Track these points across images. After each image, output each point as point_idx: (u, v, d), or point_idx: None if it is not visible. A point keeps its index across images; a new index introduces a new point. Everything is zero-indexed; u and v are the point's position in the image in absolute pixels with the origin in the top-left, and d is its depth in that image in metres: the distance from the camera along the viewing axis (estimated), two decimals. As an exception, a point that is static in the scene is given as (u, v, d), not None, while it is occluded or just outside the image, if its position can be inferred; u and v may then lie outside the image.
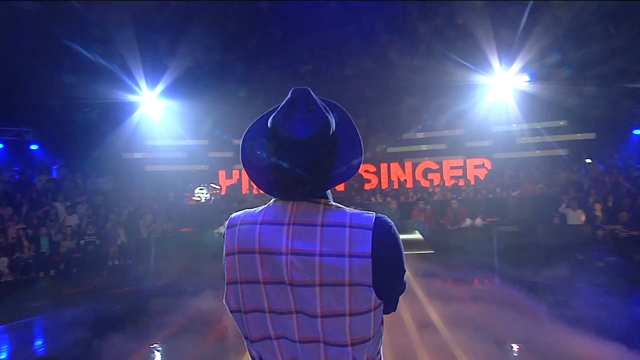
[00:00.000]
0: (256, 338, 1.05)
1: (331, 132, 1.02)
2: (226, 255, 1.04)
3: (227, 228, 1.08)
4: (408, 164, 13.47)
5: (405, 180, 13.08)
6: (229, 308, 1.07)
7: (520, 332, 4.45)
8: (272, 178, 1.04)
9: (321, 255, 0.97)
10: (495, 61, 11.85)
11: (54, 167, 12.49)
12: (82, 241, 9.52)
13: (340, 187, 13.55)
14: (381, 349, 1.11)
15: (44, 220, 9.74)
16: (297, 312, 0.99)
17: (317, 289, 0.97)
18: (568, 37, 10.62)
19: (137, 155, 13.89)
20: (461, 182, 12.63)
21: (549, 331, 4.57)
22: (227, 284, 1.05)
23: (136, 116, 13.28)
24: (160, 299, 6.48)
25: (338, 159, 1.06)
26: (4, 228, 9.05)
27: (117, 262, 9.57)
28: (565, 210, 9.17)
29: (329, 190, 1.10)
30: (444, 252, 8.57)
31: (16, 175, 11.59)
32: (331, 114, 1.06)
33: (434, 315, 5.00)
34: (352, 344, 0.99)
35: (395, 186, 12.73)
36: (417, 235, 8.72)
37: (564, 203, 9.22)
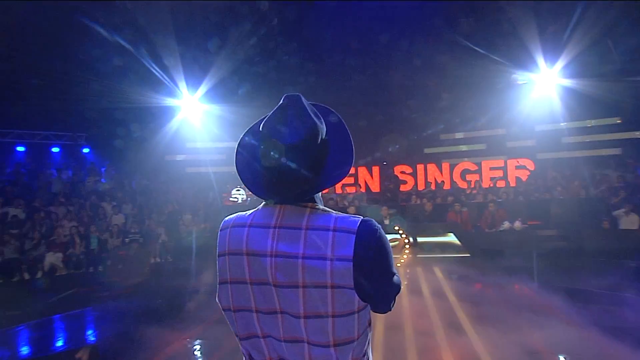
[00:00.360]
0: (244, 336, 1.08)
1: (320, 137, 1.04)
2: (218, 256, 1.09)
3: (220, 230, 1.13)
4: (445, 165, 13.20)
5: (443, 181, 12.84)
6: (221, 306, 1.11)
7: (556, 342, 4.23)
8: (263, 182, 1.07)
9: (304, 257, 0.99)
10: (539, 57, 11.39)
11: (103, 169, 13.36)
12: (126, 239, 10.12)
13: (375, 189, 13.53)
14: (368, 351, 1.12)
15: (94, 219, 10.46)
16: (281, 313, 1.02)
17: (300, 290, 0.99)
18: (620, 26, 10.00)
19: (179, 157, 14.54)
20: (501, 184, 12.22)
21: (590, 343, 4.25)
22: (219, 284, 1.10)
23: (177, 119, 13.94)
24: (197, 294, 6.79)
25: (328, 164, 1.07)
26: (58, 225, 9.82)
27: (158, 260, 10.09)
28: (618, 214, 8.64)
29: (320, 195, 1.13)
30: (481, 255, 8.35)
31: (70, 176, 12.51)
32: (322, 120, 1.08)
33: (463, 319, 4.92)
34: (335, 345, 1.01)
35: (432, 187, 12.52)
36: (452, 238, 8.55)
37: (622, 208, 8.63)
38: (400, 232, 8.48)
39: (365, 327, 1.07)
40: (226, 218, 1.15)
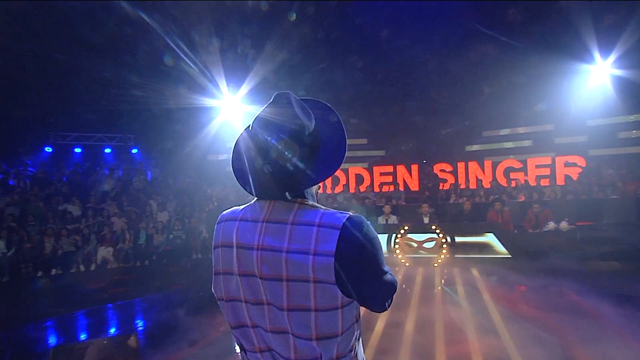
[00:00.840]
0: (235, 325, 1.13)
1: (308, 133, 1.06)
2: (213, 248, 1.15)
3: (216, 224, 1.18)
4: (488, 163, 12.78)
5: (483, 180, 12.44)
6: (216, 296, 1.15)
7: (601, 352, 3.94)
8: (252, 178, 1.10)
9: (288, 252, 1.01)
10: (592, 45, 10.75)
11: (149, 168, 14.16)
12: (171, 235, 10.68)
13: (414, 187, 13.35)
14: (357, 346, 1.12)
15: (141, 215, 11.13)
16: (267, 304, 1.04)
17: (284, 283, 1.01)
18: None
19: (221, 157, 15.11)
20: (546, 182, 11.66)
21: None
22: (213, 274, 1.14)
23: (219, 120, 14.48)
24: None
25: (317, 160, 1.08)
26: (110, 222, 10.56)
27: (199, 256, 10.56)
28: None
29: (312, 191, 1.15)
30: (522, 257, 8.02)
31: (120, 175, 13.37)
32: (311, 117, 1.10)
33: (499, 322, 4.79)
34: (318, 339, 1.03)
35: (472, 186, 12.17)
36: (491, 239, 8.29)
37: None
38: (438, 231, 8.34)
39: (352, 323, 1.07)
40: (222, 213, 1.20)
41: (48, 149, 13.50)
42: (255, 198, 1.13)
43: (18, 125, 11.72)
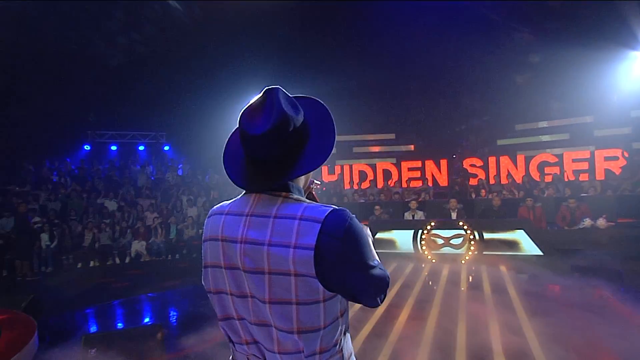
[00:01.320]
0: (222, 317, 1.14)
1: (293, 127, 1.06)
2: (202, 241, 1.17)
3: (207, 218, 1.20)
4: (520, 157, 12.39)
5: (516, 175, 12.06)
6: (205, 289, 1.17)
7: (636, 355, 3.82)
8: (239, 171, 1.13)
9: (270, 245, 1.02)
10: (638, 30, 10.19)
11: (180, 165, 14.63)
12: (200, 230, 11.03)
13: (443, 183, 13.13)
14: (343, 341, 1.12)
15: (172, 210, 11.55)
16: (251, 297, 1.06)
17: (266, 276, 1.02)
18: None
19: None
20: (585, 177, 11.16)
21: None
22: (203, 267, 1.16)
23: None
24: None
25: (302, 154, 1.09)
26: (143, 216, 11.03)
27: (228, 250, 10.83)
28: None
29: (299, 185, 1.15)
30: (555, 255, 7.73)
31: (152, 172, 13.91)
32: (299, 111, 1.10)
33: (524, 320, 4.67)
34: (299, 332, 1.03)
35: (504, 181, 11.83)
36: (522, 236, 8.04)
37: None
38: (465, 227, 8.19)
39: (335, 318, 1.06)
40: (213, 207, 1.22)
41: (87, 147, 14.23)
42: (243, 192, 1.15)
43: (59, 125, 12.40)
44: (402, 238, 8.75)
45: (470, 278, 7.07)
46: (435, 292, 6.07)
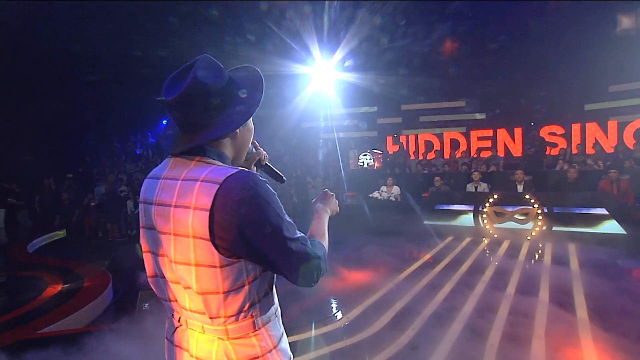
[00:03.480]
0: (150, 275, 1.19)
1: (206, 93, 1.06)
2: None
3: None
4: (613, 124, 10.99)
5: (605, 144, 10.76)
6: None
7: None
8: (171, 135, 1.16)
9: (174, 206, 1.04)
10: None
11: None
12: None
13: (517, 153, 12.20)
14: (256, 315, 1.09)
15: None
16: (165, 256, 1.09)
17: (172, 237, 1.05)
18: None
19: (314, 124, 15.63)
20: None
21: None
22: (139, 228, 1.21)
23: (312, 88, 14.91)
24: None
25: (219, 119, 1.09)
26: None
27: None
28: None
29: (221, 150, 1.13)
30: (640, 235, 6.86)
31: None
32: (220, 79, 1.09)
33: (580, 306, 4.31)
34: (200, 294, 1.03)
35: (589, 151, 10.64)
36: (601, 211, 7.26)
37: None
38: (532, 200, 7.61)
39: (239, 286, 1.04)
40: None
41: (164, 122, 15.53)
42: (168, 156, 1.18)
43: (139, 101, 13.67)
44: (463, 210, 8.43)
45: (532, 255, 6.64)
46: (485, 269, 5.79)
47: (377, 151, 13.93)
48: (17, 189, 10.72)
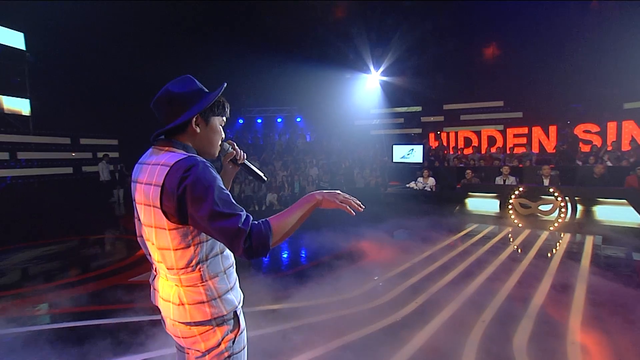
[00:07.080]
0: (137, 235, 1.35)
1: (168, 100, 1.24)
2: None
3: None
4: (651, 122, 10.04)
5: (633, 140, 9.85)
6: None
7: None
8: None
9: (145, 184, 1.21)
10: None
11: (308, 133, 15.97)
12: (321, 183, 12.17)
13: (551, 149, 11.55)
14: (204, 270, 1.22)
15: (297, 170, 12.94)
16: (140, 221, 1.27)
17: (143, 207, 1.23)
18: None
19: (365, 121, 15.87)
20: None
21: None
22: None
23: (365, 90, 15.16)
24: (368, 235, 7.13)
25: (179, 117, 1.24)
26: (276, 174, 12.68)
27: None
28: None
29: (186, 142, 1.27)
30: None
31: (287, 138, 15.56)
32: (183, 89, 1.25)
33: (583, 304, 4.29)
34: (159, 249, 1.22)
35: (625, 148, 9.82)
36: (625, 206, 6.85)
37: None
38: (556, 194, 7.37)
39: (185, 246, 1.19)
40: None
41: (240, 121, 16.63)
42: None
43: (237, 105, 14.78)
44: (491, 201, 8.35)
45: (549, 245, 6.49)
46: (497, 255, 5.74)
47: (418, 145, 13.88)
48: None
